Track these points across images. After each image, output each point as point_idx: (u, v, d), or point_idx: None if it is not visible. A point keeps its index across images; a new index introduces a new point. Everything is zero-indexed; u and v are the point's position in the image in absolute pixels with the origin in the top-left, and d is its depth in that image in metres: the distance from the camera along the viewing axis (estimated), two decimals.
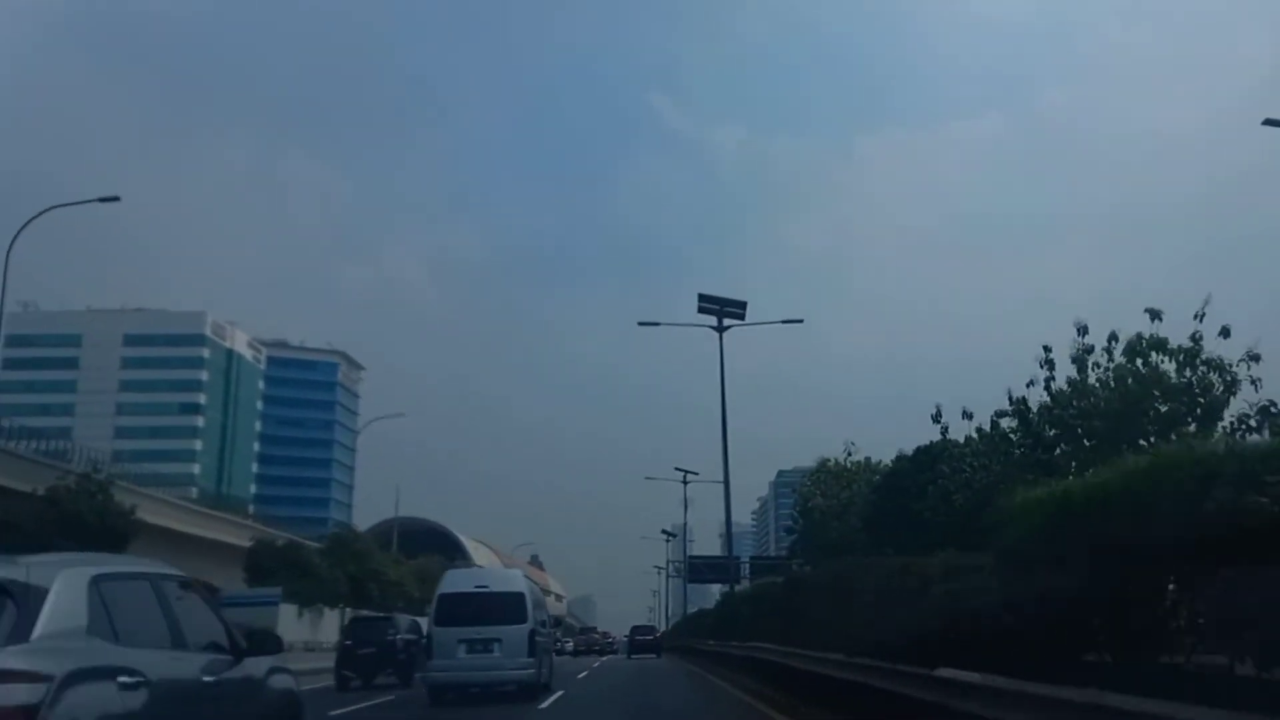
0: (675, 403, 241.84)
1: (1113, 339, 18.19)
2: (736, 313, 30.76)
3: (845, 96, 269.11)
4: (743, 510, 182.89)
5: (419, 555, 58.33)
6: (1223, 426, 14.44)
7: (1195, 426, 14.53)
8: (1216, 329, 15.11)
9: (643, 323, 33.78)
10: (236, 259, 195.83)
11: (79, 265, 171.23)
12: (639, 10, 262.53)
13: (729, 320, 30.61)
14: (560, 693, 19.05)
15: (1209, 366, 15.04)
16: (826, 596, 10.81)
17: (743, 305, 31.16)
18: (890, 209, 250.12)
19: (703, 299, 31.31)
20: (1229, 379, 14.64)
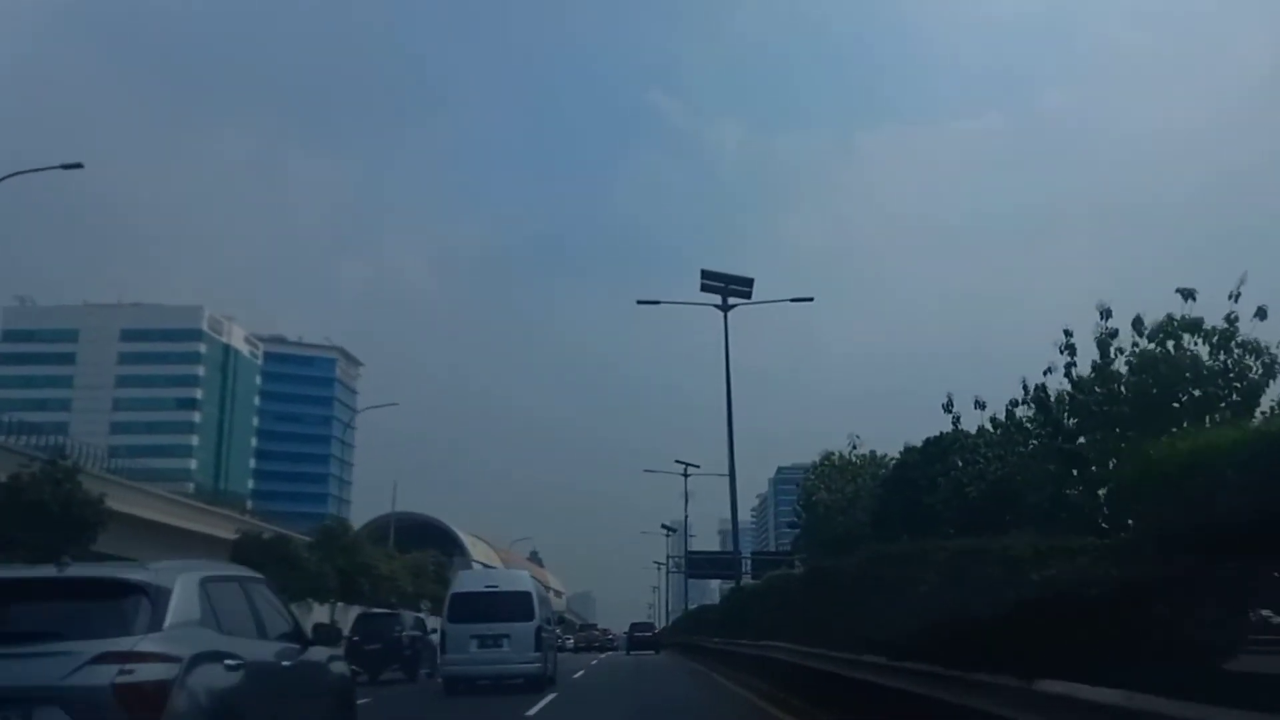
0: (675, 398, 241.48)
1: (1137, 323, 17.43)
2: (742, 290, 28.69)
3: (845, 93, 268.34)
4: (742, 507, 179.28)
5: (414, 550, 57.55)
6: (1261, 412, 13.61)
7: (1232, 412, 13.69)
8: (1251, 310, 14.33)
9: (642, 301, 31.41)
10: (235, 253, 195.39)
11: (75, 259, 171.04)
12: (639, 7, 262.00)
13: (734, 299, 28.59)
14: (552, 695, 17.58)
15: (1244, 349, 14.20)
16: (864, 588, 9.28)
17: (749, 282, 28.92)
18: (890, 205, 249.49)
19: (706, 275, 29.07)
20: (1268, 361, 13.81)
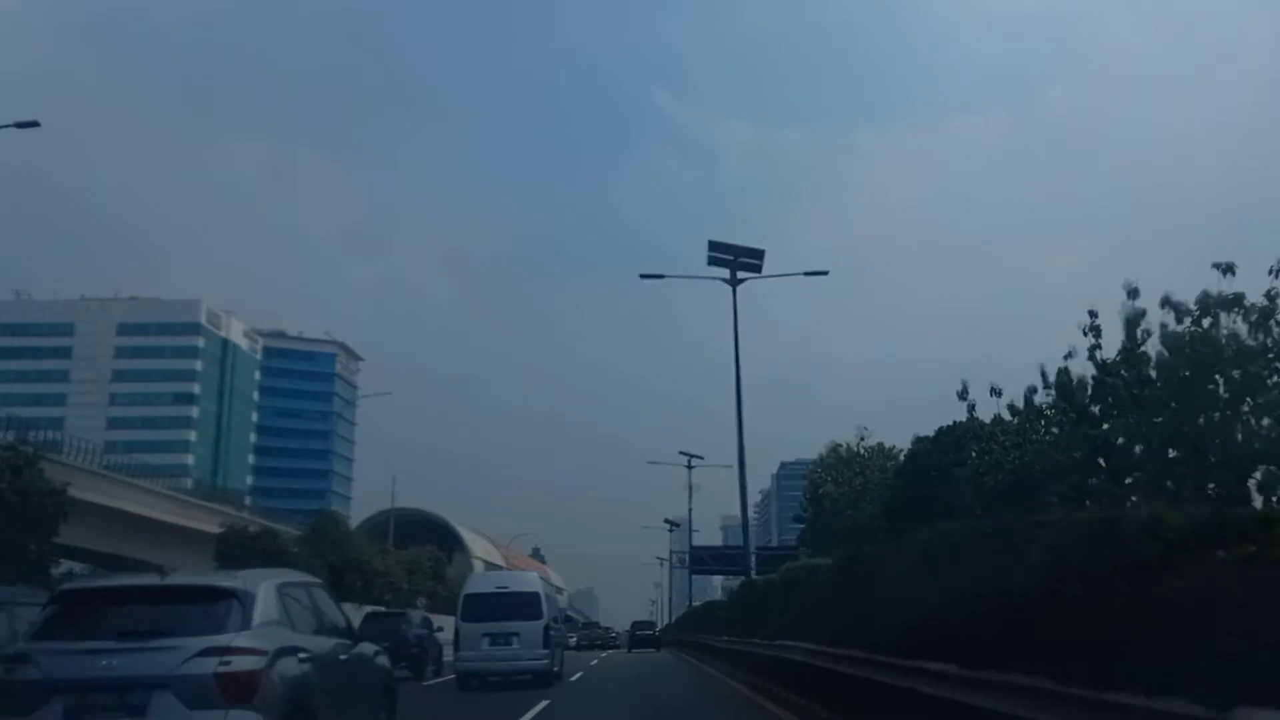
0: (678, 396, 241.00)
1: (1165, 304, 16.60)
2: (752, 263, 26.56)
3: (849, 91, 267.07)
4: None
5: (411, 546, 56.68)
6: None
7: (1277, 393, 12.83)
8: None
9: (646, 275, 29.10)
10: (244, 256, 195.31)
11: (81, 257, 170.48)
12: (644, 6, 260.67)
13: (744, 273, 26.56)
14: (546, 702, 15.93)
15: None
16: (922, 577, 7.19)
17: (759, 254, 26.74)
18: (895, 203, 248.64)
19: (714, 247, 26.95)
20: None
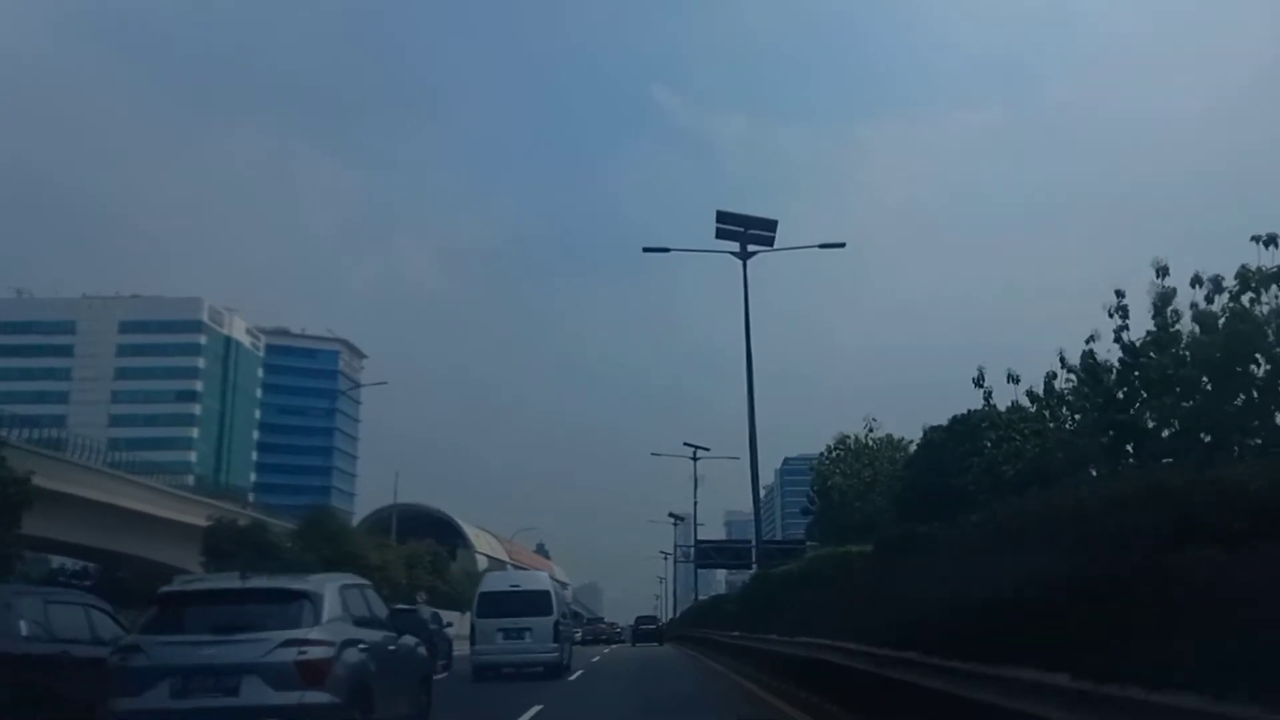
0: (681, 390, 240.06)
1: (1196, 282, 15.83)
2: (764, 235, 24.69)
3: (846, 86, 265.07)
4: (746, 500, 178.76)
5: (412, 542, 56.09)
6: None
7: None
8: None
9: (649, 249, 27.56)
10: (244, 252, 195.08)
11: (83, 255, 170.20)
12: (643, 4, 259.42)
13: (754, 246, 24.76)
14: (539, 708, 14.19)
15: None
16: (1000, 554, 5.75)
17: (771, 225, 24.90)
18: (893, 198, 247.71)
19: (722, 218, 25.08)
20: None
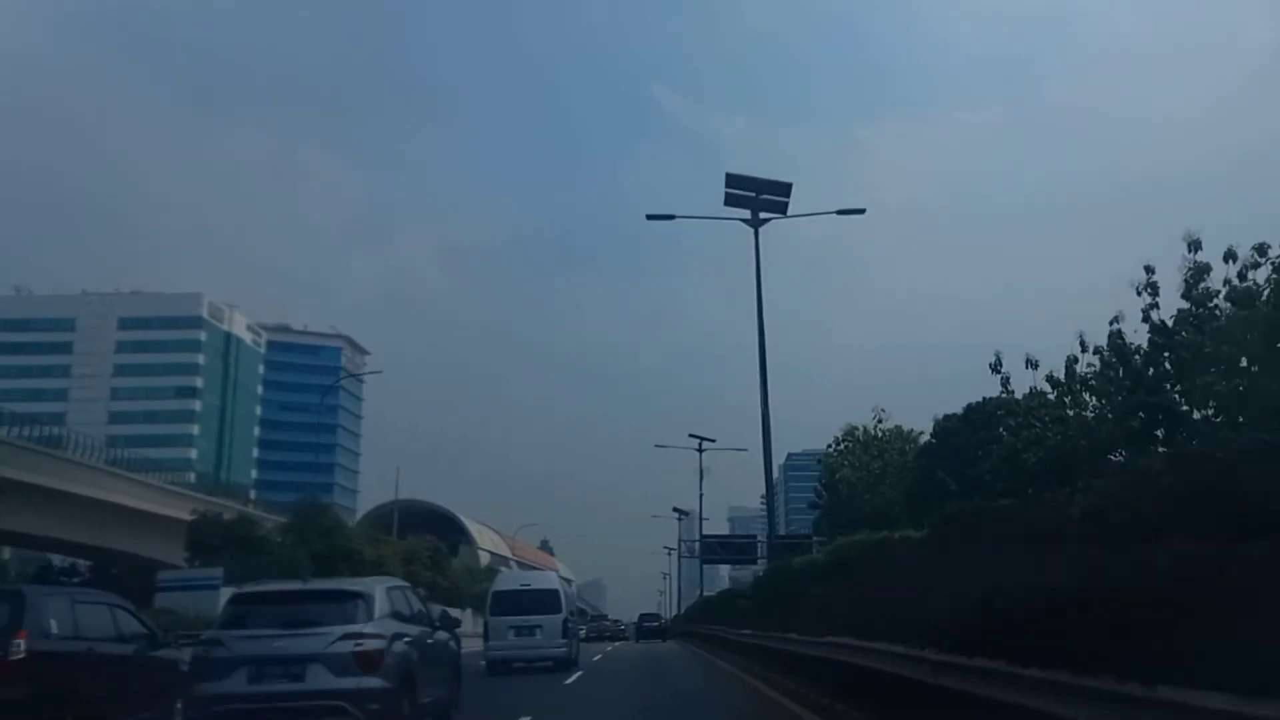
0: (682, 386, 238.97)
1: (1230, 257, 15.02)
2: (776, 201, 22.63)
3: (847, 87, 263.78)
4: (751, 494, 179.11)
5: (409, 537, 55.31)
6: None
7: None
8: None
9: (652, 216, 25.07)
10: (248, 249, 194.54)
11: (84, 253, 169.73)
12: (644, 3, 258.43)
13: (766, 213, 22.81)
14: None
15: None
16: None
17: (785, 189, 22.92)
18: (893, 198, 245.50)
19: (732, 181, 23.20)
20: None
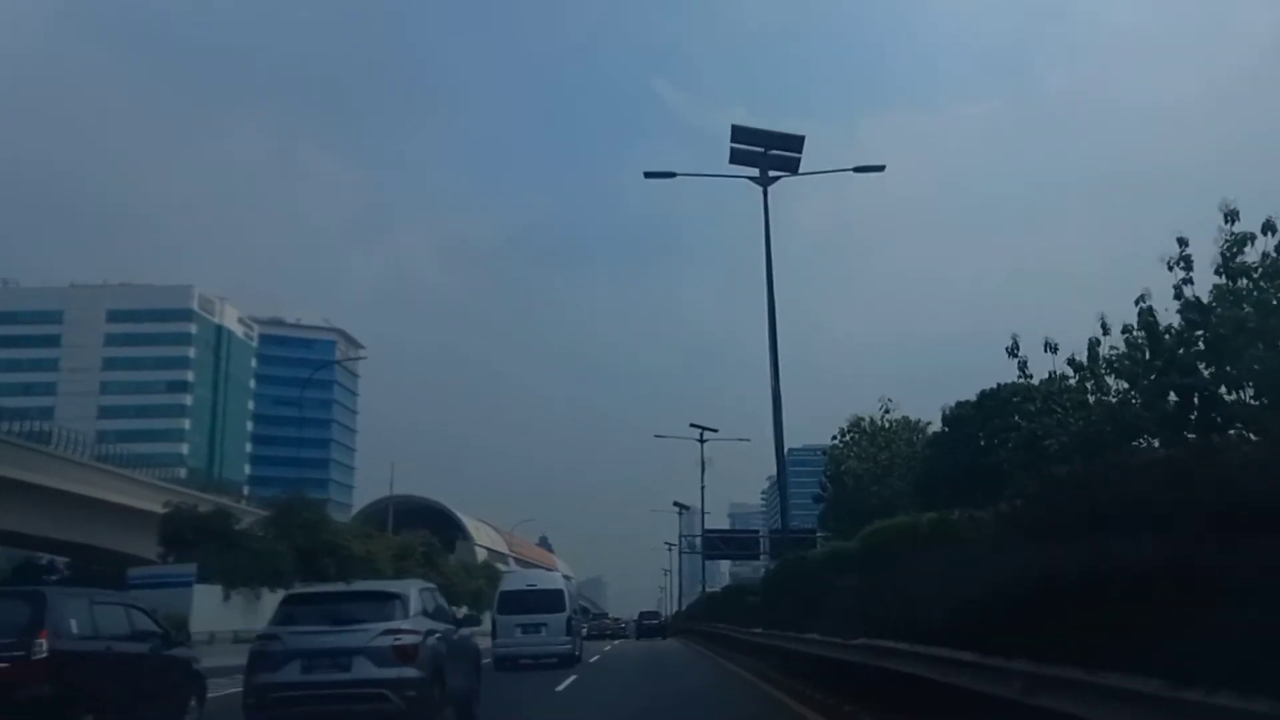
0: (683, 382, 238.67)
1: (1269, 229, 14.15)
2: (787, 156, 20.84)
3: (848, 80, 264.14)
4: (752, 490, 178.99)
5: (404, 532, 54.32)
6: None
7: None
8: None
9: (650, 174, 23.06)
10: (245, 246, 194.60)
11: (75, 246, 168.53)
12: None
13: (776, 171, 21.05)
14: None
15: None
16: None
17: (798, 143, 21.28)
18: (894, 190, 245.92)
19: (738, 135, 21.47)
20: None
